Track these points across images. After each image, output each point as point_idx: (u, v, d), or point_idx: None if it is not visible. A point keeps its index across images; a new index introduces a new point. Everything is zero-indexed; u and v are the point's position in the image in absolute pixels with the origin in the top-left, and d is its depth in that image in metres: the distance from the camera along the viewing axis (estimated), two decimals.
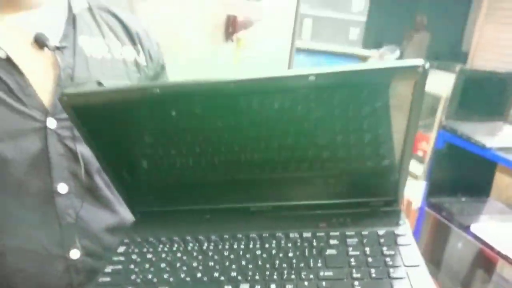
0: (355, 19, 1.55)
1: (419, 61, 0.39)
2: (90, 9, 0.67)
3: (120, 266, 0.49)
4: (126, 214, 0.67)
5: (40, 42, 0.58)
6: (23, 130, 0.57)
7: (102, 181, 0.64)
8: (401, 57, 5.50)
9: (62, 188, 0.59)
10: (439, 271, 2.03)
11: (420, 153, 2.14)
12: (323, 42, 1.73)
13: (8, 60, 0.56)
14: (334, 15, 1.46)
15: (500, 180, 2.25)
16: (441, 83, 1.88)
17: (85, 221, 0.62)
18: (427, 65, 0.39)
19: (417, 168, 2.08)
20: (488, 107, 1.97)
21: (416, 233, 2.04)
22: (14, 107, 0.56)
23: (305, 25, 1.49)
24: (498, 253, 1.60)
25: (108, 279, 0.47)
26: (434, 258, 2.07)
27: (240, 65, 1.35)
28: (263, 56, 1.41)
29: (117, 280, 0.46)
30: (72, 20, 0.63)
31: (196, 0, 1.08)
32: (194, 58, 1.35)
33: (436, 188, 1.97)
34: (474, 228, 1.72)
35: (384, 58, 2.79)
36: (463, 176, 2.00)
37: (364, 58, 1.82)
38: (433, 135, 1.96)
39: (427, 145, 2.02)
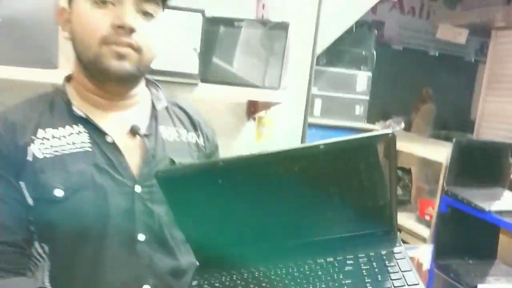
0: (359, 98, 1.78)
1: (388, 130, 0.61)
2: (167, 106, 0.91)
3: None
4: (183, 261, 0.85)
5: (134, 131, 0.81)
6: (119, 193, 0.77)
7: (169, 234, 0.83)
8: (409, 128, 5.76)
9: (141, 237, 0.79)
10: None
11: (427, 218, 2.28)
12: (332, 118, 1.96)
13: (113, 144, 0.79)
14: (341, 95, 1.69)
15: (506, 242, 2.35)
16: (444, 152, 2.07)
17: (155, 263, 0.80)
18: (392, 133, 0.60)
19: (424, 231, 2.21)
20: (487, 174, 2.14)
21: None
22: (114, 177, 0.77)
23: (316, 104, 1.71)
24: None
25: None
26: None
27: (261, 141, 1.57)
28: (280, 131, 1.64)
29: None
30: (155, 115, 0.86)
31: (221, 87, 1.33)
32: (221, 134, 1.59)
33: (444, 250, 2.09)
34: None
35: (391, 128, 3.02)
36: (469, 239, 2.12)
37: (368, 131, 2.04)
38: (437, 200, 2.11)
39: (433, 210, 2.16)
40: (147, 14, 0.77)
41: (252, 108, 1.59)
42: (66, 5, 0.80)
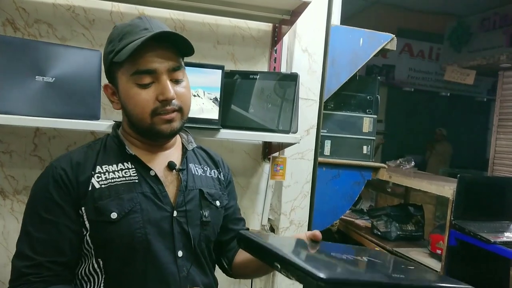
0: (366, 138, 1.93)
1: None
2: (193, 149, 1.11)
3: None
4: (211, 276, 1.04)
5: (171, 167, 1.01)
6: (161, 218, 0.95)
7: (200, 252, 1.00)
8: (424, 168, 5.83)
9: (180, 253, 0.96)
10: None
11: (438, 252, 2.36)
12: (341, 157, 2.11)
13: (156, 176, 0.98)
14: (349, 136, 1.83)
15: None
16: (450, 189, 2.18)
17: (192, 276, 0.97)
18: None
19: (437, 265, 2.28)
20: (493, 208, 2.24)
21: None
22: (157, 203, 0.96)
23: (325, 144, 1.85)
24: None
25: None
26: None
27: (275, 179, 1.73)
28: (293, 170, 1.80)
29: None
30: (185, 154, 1.06)
31: (239, 132, 1.52)
32: (240, 174, 1.75)
33: None
34: None
35: (401, 167, 3.14)
36: (479, 272, 2.19)
37: (376, 169, 2.18)
38: (446, 234, 2.20)
39: (443, 244, 2.25)
40: (178, 80, 0.97)
41: (267, 150, 1.76)
42: (108, 81, 1.01)
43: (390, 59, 6.67)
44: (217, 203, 1.08)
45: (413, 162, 3.18)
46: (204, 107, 1.45)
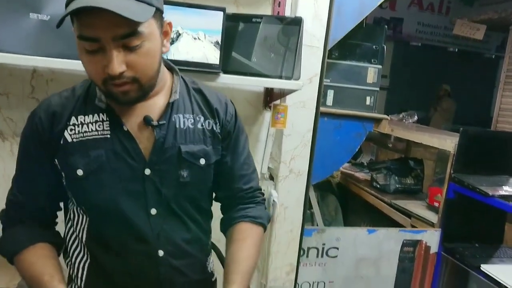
0: (370, 89, 1.88)
1: None
2: (188, 91, 1.01)
3: None
4: (194, 230, 1.01)
5: (146, 122, 0.93)
6: (132, 177, 0.93)
7: (177, 208, 0.97)
8: (427, 123, 5.80)
9: (153, 211, 0.95)
10: None
11: (435, 204, 2.38)
12: (344, 107, 2.09)
13: (128, 132, 0.93)
14: (352, 86, 1.78)
15: None
16: (452, 142, 2.17)
17: (167, 232, 0.96)
18: None
19: (433, 217, 2.31)
20: (493, 163, 2.23)
21: (436, 277, 2.23)
22: (128, 162, 0.93)
23: (328, 94, 1.82)
24: None
25: None
26: None
27: (276, 127, 1.71)
28: (293, 118, 1.77)
29: None
30: (170, 105, 0.96)
31: (240, 77, 1.48)
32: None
33: (451, 234, 2.19)
34: (484, 268, 1.92)
35: (404, 121, 3.12)
36: (475, 224, 2.22)
37: (378, 120, 2.16)
38: (445, 187, 2.21)
39: (441, 197, 2.26)
40: (132, 47, 0.82)
41: (269, 98, 1.74)
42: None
43: (399, 11, 6.46)
44: (202, 161, 0.98)
45: (416, 117, 3.15)
46: (205, 50, 1.41)
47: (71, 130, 0.92)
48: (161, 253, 0.96)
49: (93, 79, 0.88)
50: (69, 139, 0.92)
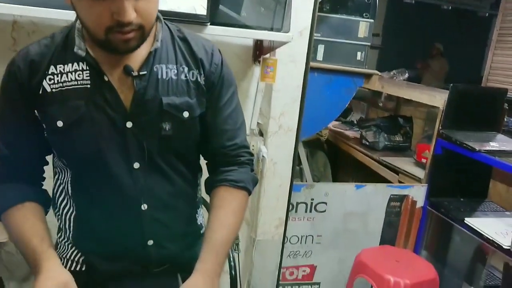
0: (361, 43, 1.85)
1: None
2: (173, 40, 0.96)
3: None
4: (178, 184, 1.00)
5: (126, 72, 0.89)
6: (114, 129, 0.90)
7: (162, 162, 0.95)
8: (419, 81, 5.78)
9: (136, 165, 0.92)
10: (441, 264, 2.27)
11: (423, 161, 2.41)
12: (334, 63, 2.06)
13: (109, 82, 0.89)
14: (343, 41, 1.75)
15: (497, 184, 2.49)
16: (442, 98, 2.17)
17: (151, 186, 0.95)
18: None
19: (420, 173, 2.35)
20: (482, 119, 2.25)
21: (421, 230, 2.29)
22: (109, 114, 0.89)
23: (318, 49, 1.78)
24: (487, 240, 1.85)
25: None
26: (437, 252, 2.31)
27: (265, 81, 1.69)
28: (283, 73, 1.75)
29: None
30: (152, 55, 0.91)
31: (229, 28, 1.43)
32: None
33: (437, 190, 2.23)
34: (468, 220, 1.98)
35: (394, 79, 3.10)
36: (462, 180, 2.26)
37: (368, 76, 2.14)
38: (433, 143, 2.23)
39: (429, 153, 2.29)
40: None
41: (258, 51, 1.70)
42: None
43: None
44: (185, 114, 0.94)
45: (406, 74, 3.14)
46: (193, 1, 1.36)
47: (50, 80, 0.89)
48: (144, 206, 0.95)
49: (92, 27, 0.82)
50: (48, 89, 0.89)
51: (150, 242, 0.97)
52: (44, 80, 0.89)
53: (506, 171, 1.92)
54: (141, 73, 0.90)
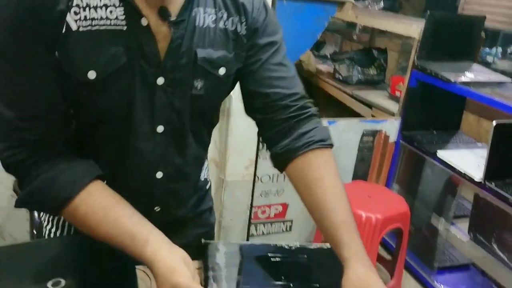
0: None
1: None
2: None
3: None
4: (201, 153, 0.88)
5: (162, 15, 0.70)
6: (144, 84, 0.72)
7: (188, 130, 0.80)
8: (398, 9, 5.59)
9: (160, 128, 0.77)
10: (413, 197, 2.29)
11: (397, 94, 2.34)
12: None
13: (148, 27, 0.70)
14: None
15: (469, 115, 2.47)
16: (418, 28, 2.06)
17: (170, 154, 0.81)
18: None
19: (393, 106, 2.29)
20: (458, 49, 2.16)
21: (393, 164, 2.27)
22: (142, 66, 0.71)
23: None
24: (459, 173, 1.84)
25: None
26: (409, 186, 2.32)
27: None
28: None
29: None
30: None
31: None
32: None
33: (411, 123, 2.19)
34: (440, 154, 1.95)
35: (369, 7, 2.95)
36: (435, 112, 2.22)
37: (341, 4, 1.99)
38: (407, 75, 2.15)
39: (403, 86, 2.21)
40: None
41: None
42: None
43: None
44: (221, 70, 0.78)
45: (381, 4, 2.98)
46: None
47: (75, 13, 0.66)
48: (159, 174, 0.82)
49: None
50: (74, 27, 0.66)
51: (157, 209, 0.87)
52: (68, 14, 0.66)
53: (481, 102, 1.87)
54: (180, 18, 0.73)
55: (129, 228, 0.68)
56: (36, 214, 1.21)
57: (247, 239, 2.05)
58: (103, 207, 0.70)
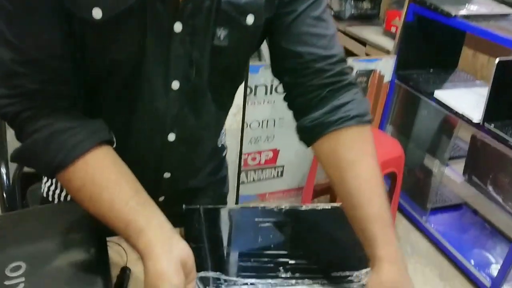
0: None
1: None
2: None
3: None
4: (220, 115, 0.77)
5: None
6: (159, 32, 0.61)
7: (208, 83, 0.69)
8: None
9: (175, 85, 0.66)
10: (407, 139, 2.22)
11: (392, 29, 2.20)
12: None
13: None
14: None
15: (468, 53, 2.35)
16: None
17: (185, 115, 0.70)
18: None
19: (389, 44, 2.15)
20: None
21: (387, 105, 2.19)
22: (157, 8, 0.59)
23: None
24: (457, 114, 1.76)
25: None
26: (403, 127, 2.25)
27: None
28: None
29: None
30: None
31: None
32: None
33: (406, 61, 2.07)
34: (437, 94, 1.86)
35: None
36: (432, 49, 2.10)
37: None
38: (404, 9, 2.00)
39: (399, 21, 2.07)
40: None
41: None
42: None
43: None
44: (249, 19, 0.65)
45: None
46: None
47: None
48: (171, 137, 0.72)
49: None
50: None
51: (167, 175, 0.77)
52: None
53: (477, 35, 1.75)
54: None
55: (125, 213, 0.57)
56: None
57: (238, 187, 2.00)
58: (99, 184, 0.58)
